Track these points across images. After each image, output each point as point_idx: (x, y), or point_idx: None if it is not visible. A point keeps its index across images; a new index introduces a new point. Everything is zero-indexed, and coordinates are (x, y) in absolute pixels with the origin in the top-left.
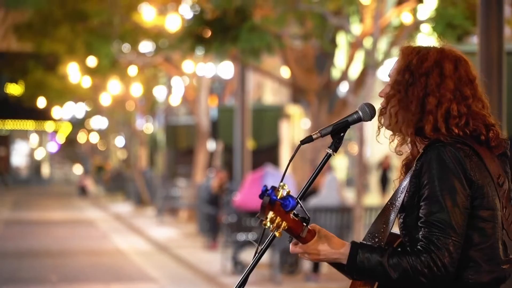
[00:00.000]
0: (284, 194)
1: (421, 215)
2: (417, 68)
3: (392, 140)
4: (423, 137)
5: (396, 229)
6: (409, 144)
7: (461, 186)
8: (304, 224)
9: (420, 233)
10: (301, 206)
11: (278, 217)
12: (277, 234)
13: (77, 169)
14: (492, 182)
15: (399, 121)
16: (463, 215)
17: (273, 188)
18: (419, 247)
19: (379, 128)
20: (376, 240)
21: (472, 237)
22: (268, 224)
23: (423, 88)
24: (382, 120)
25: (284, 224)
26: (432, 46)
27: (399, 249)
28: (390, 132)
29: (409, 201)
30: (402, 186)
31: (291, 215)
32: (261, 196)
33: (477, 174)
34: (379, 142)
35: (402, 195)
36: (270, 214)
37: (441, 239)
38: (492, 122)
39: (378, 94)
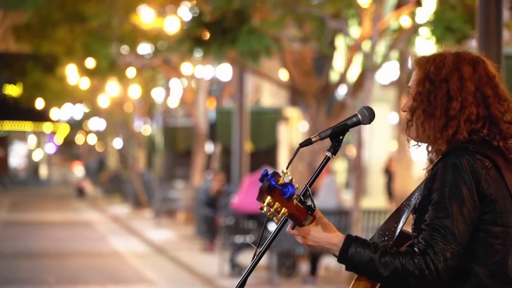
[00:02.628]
0: (287, 181)
1: (426, 218)
2: (436, 76)
3: (424, 151)
4: (447, 143)
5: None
6: (430, 151)
7: (471, 197)
8: (309, 212)
9: (421, 235)
10: (309, 194)
11: (277, 203)
12: (275, 219)
13: (77, 170)
14: (509, 197)
15: (426, 130)
16: (466, 225)
17: (274, 173)
18: (415, 248)
19: (408, 141)
20: (386, 238)
21: (478, 251)
22: (265, 208)
23: (445, 94)
24: (410, 133)
25: (284, 210)
26: (446, 52)
27: (394, 249)
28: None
29: (421, 204)
30: (419, 188)
31: (295, 202)
32: (261, 179)
33: (492, 188)
34: (412, 154)
35: (416, 197)
36: (268, 199)
37: (440, 244)
38: (506, 130)
39: (401, 109)
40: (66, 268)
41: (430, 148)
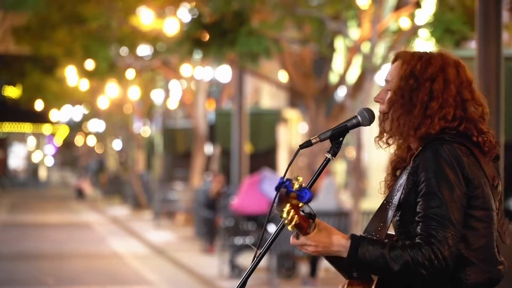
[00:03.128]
0: (298, 186)
1: (419, 210)
2: (422, 74)
3: (390, 145)
4: (419, 138)
5: (390, 229)
6: (401, 145)
7: (459, 182)
8: (311, 220)
9: (418, 227)
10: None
11: (293, 211)
12: (289, 228)
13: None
14: (488, 183)
15: (401, 125)
16: (460, 211)
17: (289, 180)
18: (419, 240)
19: (381, 133)
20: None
21: (467, 237)
22: (285, 215)
23: (428, 93)
24: (385, 125)
25: (296, 218)
26: (429, 51)
27: (400, 243)
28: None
29: (406, 199)
30: (398, 185)
31: (300, 211)
32: (278, 188)
33: (474, 173)
34: (381, 147)
35: (399, 193)
36: (287, 207)
37: (440, 232)
38: (484, 129)
39: (374, 99)
40: (65, 270)
41: (399, 144)
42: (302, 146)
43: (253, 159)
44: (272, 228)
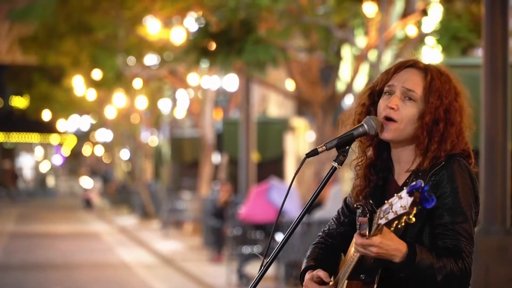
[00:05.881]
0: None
1: (445, 223)
2: (449, 92)
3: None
4: (434, 153)
5: None
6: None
7: (474, 201)
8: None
9: (449, 240)
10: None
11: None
12: (400, 225)
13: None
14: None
15: (447, 138)
16: (474, 227)
17: (427, 185)
18: (453, 252)
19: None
20: None
21: None
22: (414, 219)
23: (458, 111)
24: (394, 133)
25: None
26: (435, 64)
27: (439, 252)
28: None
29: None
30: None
31: None
32: (412, 191)
33: (478, 192)
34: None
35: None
36: (415, 210)
37: (468, 248)
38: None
39: (389, 104)
40: (73, 280)
41: (365, 148)
42: (308, 155)
43: (260, 168)
44: (279, 237)
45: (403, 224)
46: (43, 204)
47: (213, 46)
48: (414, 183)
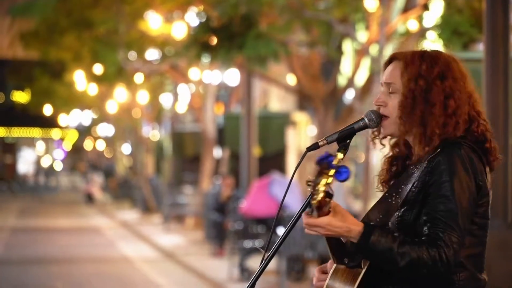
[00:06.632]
0: (336, 163)
1: (429, 211)
2: (429, 73)
3: (385, 146)
4: (442, 139)
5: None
6: (398, 142)
7: (472, 189)
8: (328, 199)
9: (426, 227)
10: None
11: (325, 187)
12: (314, 202)
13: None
14: (489, 193)
15: (424, 125)
16: (468, 218)
17: (332, 155)
18: (429, 240)
19: (377, 136)
20: None
21: (466, 243)
22: (322, 188)
23: (442, 91)
24: (390, 129)
25: (323, 195)
26: (424, 49)
27: (408, 239)
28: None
29: (413, 197)
30: (406, 180)
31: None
32: (321, 160)
33: (484, 181)
34: (384, 146)
35: (407, 190)
36: (328, 179)
37: (447, 235)
38: (491, 131)
39: (375, 103)
40: (75, 274)
41: (397, 142)
42: (309, 149)
43: (262, 162)
44: (281, 231)
45: (321, 195)
46: (44, 199)
47: (214, 40)
48: (322, 154)
